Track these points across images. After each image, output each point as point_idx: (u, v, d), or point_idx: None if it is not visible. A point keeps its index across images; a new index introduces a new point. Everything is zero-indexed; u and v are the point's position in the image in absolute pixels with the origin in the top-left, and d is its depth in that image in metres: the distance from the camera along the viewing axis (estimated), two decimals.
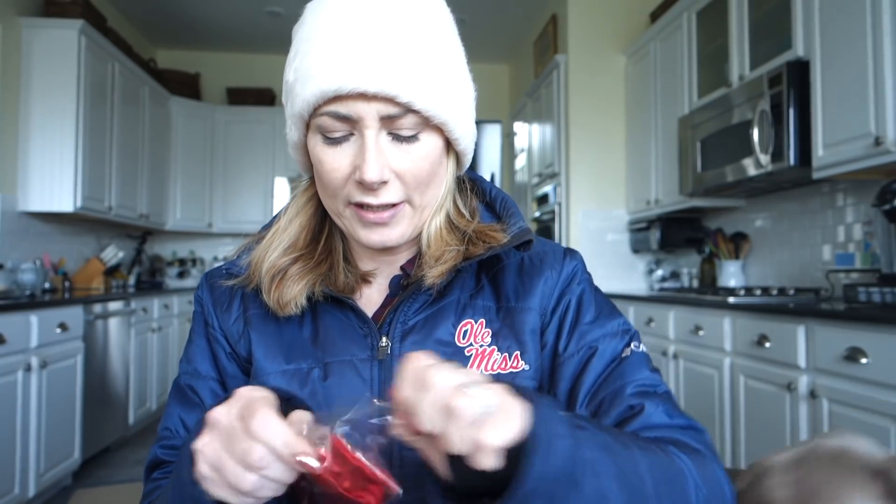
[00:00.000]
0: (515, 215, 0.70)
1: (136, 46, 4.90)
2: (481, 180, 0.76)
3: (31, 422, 2.63)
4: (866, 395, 1.75)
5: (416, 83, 0.58)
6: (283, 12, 4.90)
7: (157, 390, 4.20)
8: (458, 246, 0.67)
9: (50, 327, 2.77)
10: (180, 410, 0.71)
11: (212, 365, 0.72)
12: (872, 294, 2.03)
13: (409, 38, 0.59)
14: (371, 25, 0.58)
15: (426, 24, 0.61)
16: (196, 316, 0.76)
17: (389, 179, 0.61)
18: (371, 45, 0.57)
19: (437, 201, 0.68)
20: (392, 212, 0.63)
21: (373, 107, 0.58)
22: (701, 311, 2.62)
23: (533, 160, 4.76)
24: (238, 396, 0.49)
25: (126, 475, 3.22)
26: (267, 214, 5.40)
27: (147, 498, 0.68)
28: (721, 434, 2.46)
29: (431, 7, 0.63)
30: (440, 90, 0.60)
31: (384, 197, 0.62)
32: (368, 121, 0.59)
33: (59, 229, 3.93)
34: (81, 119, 3.62)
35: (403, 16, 0.59)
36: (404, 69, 0.58)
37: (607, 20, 4.10)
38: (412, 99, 0.58)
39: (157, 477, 0.69)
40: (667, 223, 3.63)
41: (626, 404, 0.61)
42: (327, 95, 0.58)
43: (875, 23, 2.03)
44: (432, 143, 0.63)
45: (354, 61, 0.57)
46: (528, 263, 0.72)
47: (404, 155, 0.61)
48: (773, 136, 2.44)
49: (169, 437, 0.70)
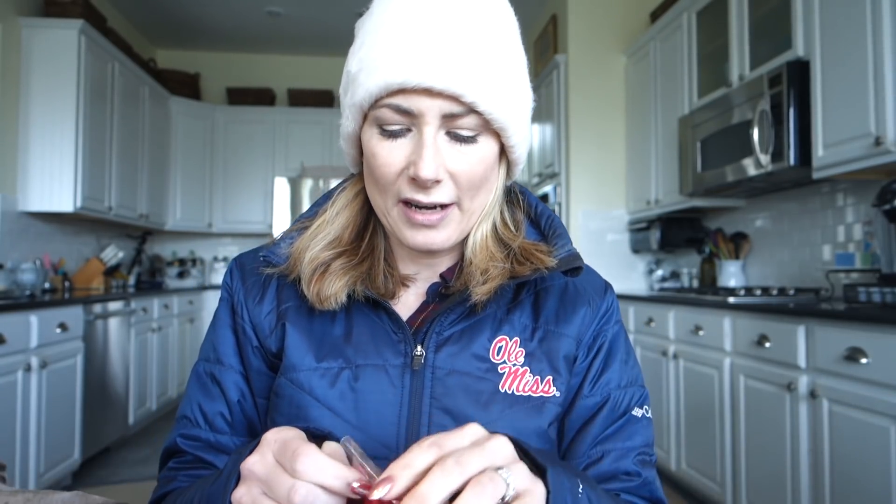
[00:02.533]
0: (563, 236, 0.69)
1: (136, 46, 4.90)
2: (527, 193, 0.75)
3: (31, 422, 2.63)
4: (866, 395, 1.75)
5: (482, 84, 0.58)
6: (283, 12, 4.90)
7: (156, 390, 4.20)
8: (503, 263, 0.66)
9: (50, 327, 2.77)
10: (200, 398, 0.69)
11: (236, 356, 0.70)
12: (872, 294, 2.03)
13: (478, 39, 0.58)
14: (440, 22, 0.58)
15: (495, 26, 0.60)
16: (223, 303, 0.73)
17: (443, 179, 0.61)
18: (440, 41, 0.57)
19: (484, 208, 0.67)
20: (441, 214, 0.62)
21: (436, 103, 0.58)
22: (701, 311, 2.62)
23: (533, 160, 4.76)
24: (267, 441, 0.45)
25: (126, 475, 3.22)
26: (267, 214, 5.40)
27: (163, 486, 0.67)
28: (721, 434, 2.46)
29: (500, 10, 0.62)
30: (504, 94, 0.60)
31: (435, 196, 0.61)
32: (429, 117, 0.58)
33: (59, 229, 3.93)
34: (81, 119, 3.62)
35: (473, 15, 0.59)
36: (471, 69, 0.57)
37: (607, 20, 4.10)
38: (476, 99, 0.58)
39: (174, 466, 0.68)
40: (667, 223, 3.63)
41: (631, 469, 0.66)
42: (392, 87, 0.57)
43: (875, 23, 2.03)
44: (489, 147, 0.62)
45: (423, 56, 0.57)
46: (571, 290, 0.72)
47: (461, 156, 0.61)
48: (773, 136, 2.44)
49: (188, 426, 0.69)
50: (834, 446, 1.88)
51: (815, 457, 1.96)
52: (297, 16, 4.99)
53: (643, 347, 3.13)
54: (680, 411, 2.79)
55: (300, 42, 5.56)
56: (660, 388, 2.93)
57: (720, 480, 2.48)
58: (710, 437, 2.54)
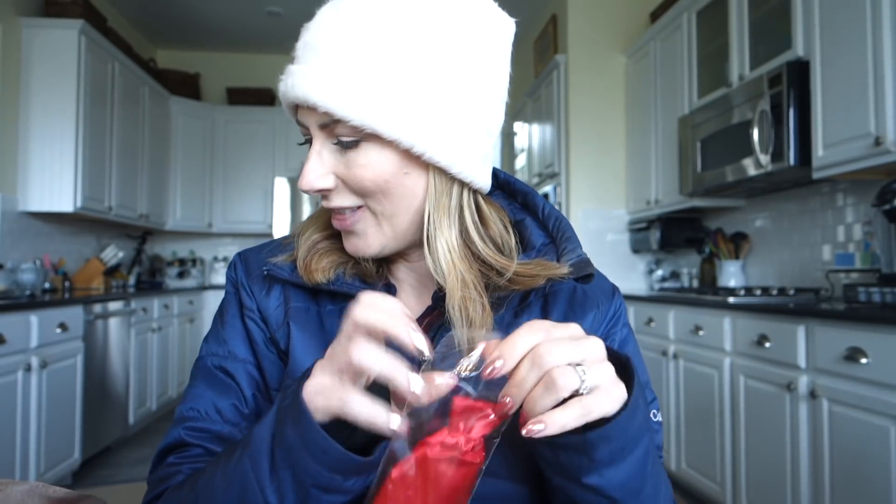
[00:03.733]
0: (572, 240, 0.68)
1: (136, 46, 4.90)
2: (533, 195, 0.72)
3: (31, 422, 2.63)
4: (866, 395, 1.75)
5: (338, 93, 0.56)
6: (283, 12, 4.90)
7: (157, 390, 4.20)
8: (481, 299, 0.61)
9: (50, 327, 2.77)
10: (212, 393, 0.65)
11: (248, 348, 0.68)
12: (872, 294, 2.03)
13: (350, 47, 0.56)
14: (319, 32, 0.58)
15: (385, 31, 0.56)
16: (229, 297, 0.71)
17: (333, 186, 0.62)
18: (308, 52, 0.58)
19: (411, 215, 0.63)
20: (354, 218, 0.63)
21: (312, 116, 0.59)
22: (701, 311, 2.62)
23: (533, 160, 4.76)
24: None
25: (126, 475, 3.22)
26: (267, 214, 5.40)
27: (162, 483, 0.61)
28: (721, 434, 2.46)
29: (405, 13, 0.57)
30: (367, 98, 0.56)
31: (335, 201, 0.62)
32: (312, 129, 0.60)
33: (59, 229, 3.93)
34: (81, 119, 3.62)
35: (359, 22, 0.56)
36: (328, 77, 0.56)
37: (607, 20, 4.10)
38: (335, 109, 0.56)
39: (175, 461, 0.62)
40: (667, 223, 3.63)
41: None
42: (287, 103, 0.61)
43: (875, 23, 2.03)
44: (376, 153, 0.59)
45: (295, 70, 0.59)
46: (579, 294, 0.70)
47: (345, 162, 0.60)
48: (773, 136, 2.44)
49: (197, 419, 0.64)
50: (834, 446, 1.88)
51: (814, 457, 1.96)
52: (297, 16, 4.99)
53: (643, 347, 3.13)
54: (680, 411, 2.79)
55: None
56: (660, 388, 2.93)
57: (720, 480, 2.48)
58: (710, 437, 2.54)
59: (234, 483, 0.51)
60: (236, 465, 0.51)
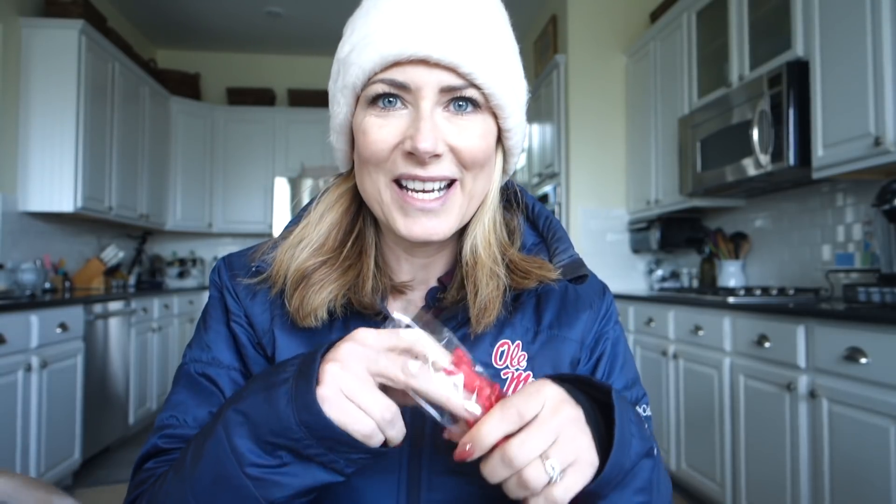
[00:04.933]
0: (563, 240, 0.67)
1: (136, 46, 4.90)
2: (523, 192, 0.72)
3: (32, 422, 2.64)
4: (866, 395, 1.75)
5: (480, 56, 0.56)
6: (283, 12, 4.90)
7: (157, 390, 4.20)
8: (499, 291, 0.62)
9: (50, 327, 2.77)
10: (192, 402, 0.63)
11: (234, 354, 0.66)
12: (872, 294, 2.04)
13: (476, 14, 0.57)
14: (453, 5, 0.57)
15: (491, 9, 0.60)
16: (213, 301, 0.68)
17: (443, 153, 0.57)
18: (436, 13, 0.56)
19: (484, 197, 0.64)
20: (442, 199, 0.59)
21: (433, 75, 0.56)
22: (701, 311, 2.62)
23: (533, 160, 4.76)
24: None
25: (126, 475, 3.22)
26: (267, 214, 5.40)
27: (141, 486, 0.60)
28: (721, 434, 2.47)
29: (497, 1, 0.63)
30: (500, 71, 0.58)
31: (434, 170, 0.57)
32: (426, 90, 0.56)
33: (59, 229, 3.93)
34: (81, 119, 3.62)
35: (482, 6, 0.59)
36: (469, 40, 0.56)
37: (607, 20, 4.10)
38: (474, 70, 0.56)
39: (152, 467, 0.61)
40: (667, 223, 3.63)
41: None
42: (387, 61, 0.55)
43: (875, 23, 2.03)
44: (487, 125, 0.60)
45: (418, 26, 0.55)
46: (571, 292, 0.70)
47: (461, 130, 0.58)
48: (772, 136, 2.44)
49: (176, 426, 0.62)
50: (834, 446, 1.88)
51: (814, 457, 1.96)
52: (297, 16, 4.99)
53: (643, 347, 3.13)
54: (680, 411, 2.79)
55: (300, 42, 5.56)
56: (660, 388, 2.93)
57: (720, 480, 2.48)
58: (710, 437, 2.54)
59: (205, 446, 0.52)
60: (208, 432, 0.52)
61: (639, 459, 0.52)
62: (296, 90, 5.61)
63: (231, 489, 0.49)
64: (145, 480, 0.61)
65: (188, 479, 0.52)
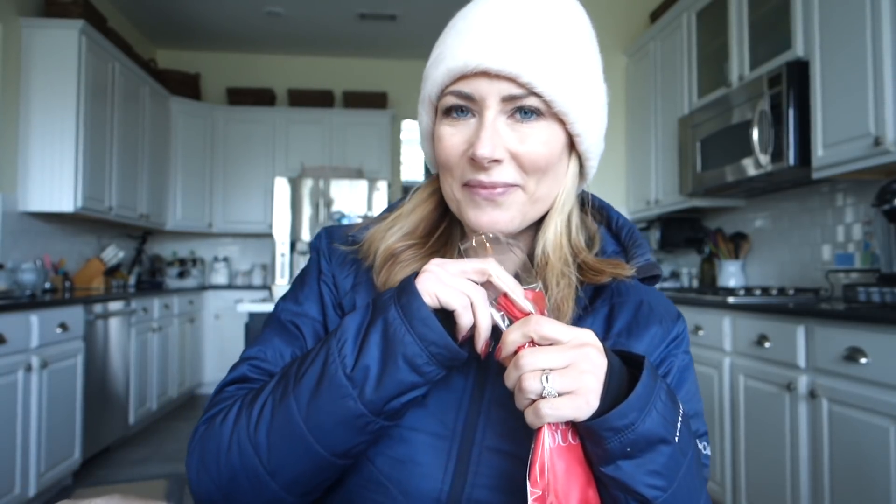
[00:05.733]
0: (643, 246, 0.69)
1: (136, 46, 4.91)
2: (609, 208, 0.76)
3: (32, 422, 2.64)
4: (866, 395, 1.75)
5: (539, 66, 0.59)
6: (283, 12, 4.90)
7: (157, 390, 4.20)
8: (570, 290, 0.66)
9: (50, 327, 2.77)
10: (280, 341, 0.71)
11: (319, 309, 0.73)
12: (872, 294, 2.04)
13: (539, 27, 0.61)
14: (502, 14, 0.61)
15: (560, 18, 0.63)
16: (311, 262, 0.77)
17: (504, 159, 0.62)
18: (499, 27, 0.60)
19: (554, 199, 0.67)
20: (504, 190, 0.63)
21: (494, 86, 0.60)
22: (701, 311, 2.63)
23: None
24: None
25: (126, 475, 3.22)
26: (267, 214, 5.40)
27: (218, 405, 0.65)
28: (721, 434, 2.47)
29: (569, 8, 0.65)
30: (564, 77, 0.61)
31: (496, 176, 0.62)
32: (489, 100, 0.61)
33: (59, 229, 3.94)
34: (82, 119, 3.62)
35: (539, 9, 0.62)
36: (528, 51, 0.59)
37: (607, 20, 4.10)
38: (533, 80, 0.59)
39: (234, 391, 0.67)
40: (667, 223, 3.64)
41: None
42: (454, 74, 0.61)
43: (875, 23, 2.03)
44: (551, 132, 0.63)
45: (481, 41, 0.60)
46: (645, 308, 0.71)
47: (521, 136, 0.62)
48: (772, 136, 2.45)
49: (263, 360, 0.69)
50: (833, 446, 1.88)
51: (814, 457, 1.96)
52: (297, 16, 4.99)
53: None
54: None
55: (300, 42, 5.56)
56: None
57: (720, 480, 2.48)
58: (710, 437, 2.54)
59: (313, 359, 0.59)
60: (319, 348, 0.60)
61: (654, 437, 0.53)
62: (296, 90, 5.61)
63: (333, 387, 0.57)
64: (225, 399, 0.66)
65: (292, 382, 0.60)
